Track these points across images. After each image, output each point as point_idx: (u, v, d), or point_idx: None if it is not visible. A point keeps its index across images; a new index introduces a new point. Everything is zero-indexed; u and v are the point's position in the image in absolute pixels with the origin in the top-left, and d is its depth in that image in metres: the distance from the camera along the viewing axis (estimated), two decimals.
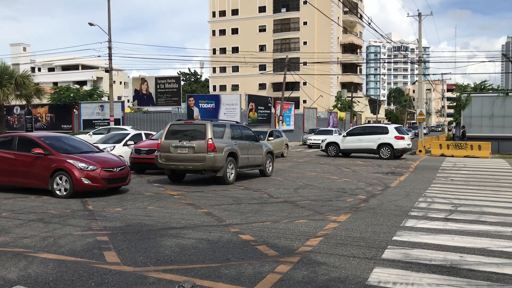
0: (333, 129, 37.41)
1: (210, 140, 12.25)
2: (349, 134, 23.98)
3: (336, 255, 5.73)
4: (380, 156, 22.69)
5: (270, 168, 15.39)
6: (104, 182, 10.34)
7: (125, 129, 22.62)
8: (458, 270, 5.12)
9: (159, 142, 13.31)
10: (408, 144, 23.10)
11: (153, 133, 18.89)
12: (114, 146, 16.47)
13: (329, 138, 25.61)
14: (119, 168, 10.72)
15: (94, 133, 26.95)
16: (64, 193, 10.09)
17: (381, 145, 22.65)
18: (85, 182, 10.03)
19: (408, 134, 24.90)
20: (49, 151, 10.39)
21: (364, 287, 4.63)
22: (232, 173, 13.09)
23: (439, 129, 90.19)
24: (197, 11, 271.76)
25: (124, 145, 16.75)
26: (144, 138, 17.62)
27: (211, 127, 12.51)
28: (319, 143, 28.32)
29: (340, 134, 27.90)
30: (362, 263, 5.41)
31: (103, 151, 11.58)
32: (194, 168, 12.49)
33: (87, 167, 10.12)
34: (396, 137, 22.53)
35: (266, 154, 15.07)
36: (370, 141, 22.88)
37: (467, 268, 5.21)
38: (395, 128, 23.53)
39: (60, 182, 10.13)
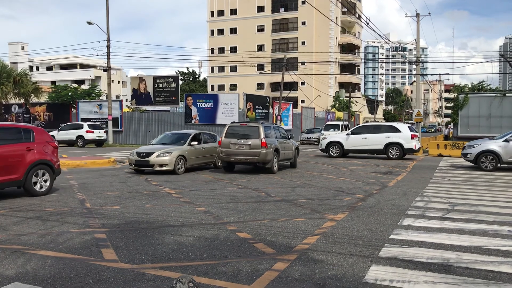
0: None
1: (263, 139, 15.06)
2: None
3: (334, 253, 5.75)
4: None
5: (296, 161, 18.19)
6: None
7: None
8: (454, 268, 5.15)
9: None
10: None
11: None
12: None
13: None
14: None
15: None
16: None
17: None
18: None
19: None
20: None
21: (361, 285, 4.65)
22: (275, 165, 15.79)
23: (432, 129, 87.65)
24: (195, 10, 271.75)
25: None
26: None
27: (263, 128, 15.32)
28: None
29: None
30: (359, 261, 5.43)
31: None
32: (250, 161, 15.30)
33: None
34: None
35: (295, 150, 17.75)
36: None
37: (464, 266, 5.24)
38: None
39: None
